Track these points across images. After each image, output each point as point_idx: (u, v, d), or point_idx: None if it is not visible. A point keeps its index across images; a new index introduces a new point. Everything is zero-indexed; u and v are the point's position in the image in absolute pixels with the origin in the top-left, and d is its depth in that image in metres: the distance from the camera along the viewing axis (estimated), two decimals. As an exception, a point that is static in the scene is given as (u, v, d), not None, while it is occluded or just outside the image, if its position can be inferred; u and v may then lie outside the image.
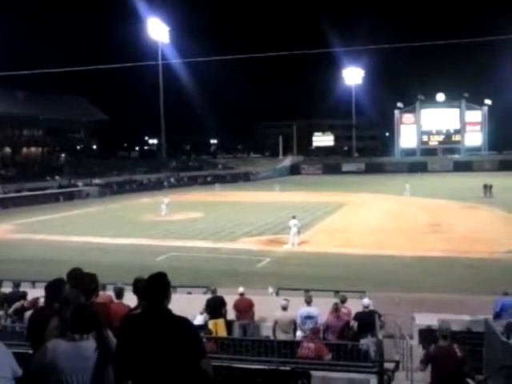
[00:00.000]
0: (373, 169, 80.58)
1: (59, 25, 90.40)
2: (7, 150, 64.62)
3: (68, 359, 3.37)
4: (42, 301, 5.29)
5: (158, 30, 72.11)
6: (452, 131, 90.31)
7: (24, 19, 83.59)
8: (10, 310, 10.47)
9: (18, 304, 10.49)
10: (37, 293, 11.31)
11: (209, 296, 11.24)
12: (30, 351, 4.22)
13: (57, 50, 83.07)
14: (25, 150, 67.42)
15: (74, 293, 4.21)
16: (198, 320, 10.17)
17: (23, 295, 10.83)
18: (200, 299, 11.49)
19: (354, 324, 9.19)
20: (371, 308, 9.49)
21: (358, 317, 9.22)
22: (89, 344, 3.44)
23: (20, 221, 35.13)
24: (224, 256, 21.83)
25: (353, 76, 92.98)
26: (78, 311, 3.57)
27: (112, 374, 3.51)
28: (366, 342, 8.16)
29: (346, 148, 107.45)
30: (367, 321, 8.92)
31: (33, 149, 68.62)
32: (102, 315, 3.81)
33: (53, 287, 4.50)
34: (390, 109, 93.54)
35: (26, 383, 3.42)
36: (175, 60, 72.30)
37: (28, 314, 5.71)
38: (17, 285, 12.01)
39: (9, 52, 72.80)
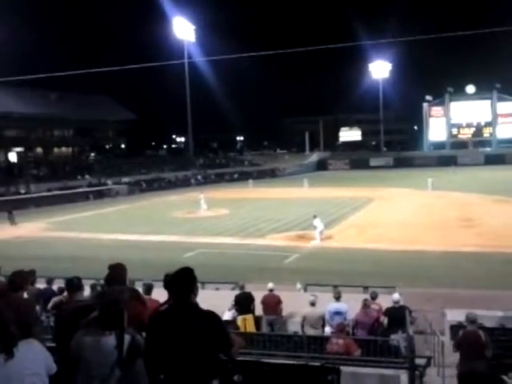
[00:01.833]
0: (401, 163, 79.38)
1: (87, 26, 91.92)
2: (39, 150, 66.12)
3: (90, 351, 3.47)
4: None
5: (183, 28, 72.56)
6: (483, 124, 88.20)
7: (54, 21, 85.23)
8: (50, 305, 10.73)
9: (56, 299, 10.73)
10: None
11: (237, 292, 11.29)
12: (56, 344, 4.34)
13: (85, 50, 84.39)
14: (56, 150, 68.86)
15: (118, 290, 4.32)
16: (227, 316, 10.22)
17: (62, 290, 11.10)
18: (228, 295, 11.55)
19: (384, 320, 9.10)
20: (401, 303, 9.38)
21: (388, 312, 9.13)
22: (109, 341, 3.50)
23: (52, 219, 35.95)
24: (252, 252, 21.89)
25: (380, 69, 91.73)
26: (106, 307, 3.64)
27: (144, 371, 3.57)
28: (397, 338, 8.06)
29: (373, 143, 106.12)
30: (397, 316, 8.81)
31: (63, 149, 70.04)
32: (135, 316, 3.85)
33: (70, 285, 4.66)
34: (418, 102, 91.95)
35: (62, 373, 3.55)
36: (201, 58, 72.70)
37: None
38: (49, 281, 12.31)
39: (40, 54, 74.42)
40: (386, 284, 12.71)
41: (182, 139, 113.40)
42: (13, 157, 63.42)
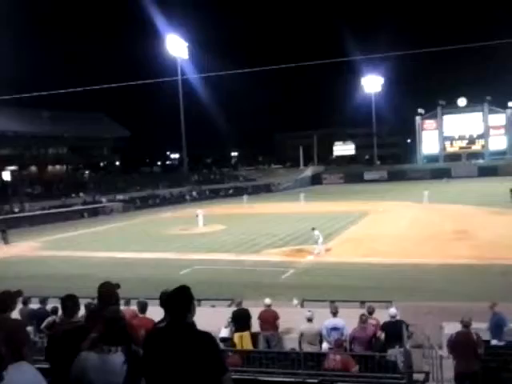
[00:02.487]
0: (395, 176, 79.77)
1: (81, 44, 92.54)
2: (33, 168, 65.98)
3: (97, 371, 3.42)
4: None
5: (176, 46, 73.12)
6: (475, 136, 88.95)
7: (46, 40, 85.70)
8: (43, 325, 10.58)
9: (50, 319, 10.59)
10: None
11: (233, 308, 11.20)
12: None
13: (78, 68, 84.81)
14: (50, 168, 68.75)
15: (116, 309, 4.29)
16: (223, 333, 10.12)
17: (55, 310, 10.95)
18: (224, 312, 11.45)
19: (381, 335, 9.03)
20: (398, 318, 9.33)
21: (385, 327, 9.06)
22: (116, 357, 3.47)
23: (46, 238, 35.73)
24: (248, 268, 21.78)
25: (372, 84, 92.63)
26: (109, 323, 3.61)
27: None
28: (394, 353, 8.00)
29: (367, 156, 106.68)
30: (394, 331, 8.75)
31: (58, 167, 69.99)
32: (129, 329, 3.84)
33: (69, 301, 4.60)
34: (410, 115, 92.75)
35: None
36: (195, 75, 73.17)
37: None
38: (43, 301, 12.16)
39: (33, 73, 74.66)
40: (383, 298, 12.65)
41: (177, 155, 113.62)
42: (7, 175, 63.23)
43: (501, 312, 9.20)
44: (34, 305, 11.77)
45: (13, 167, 63.51)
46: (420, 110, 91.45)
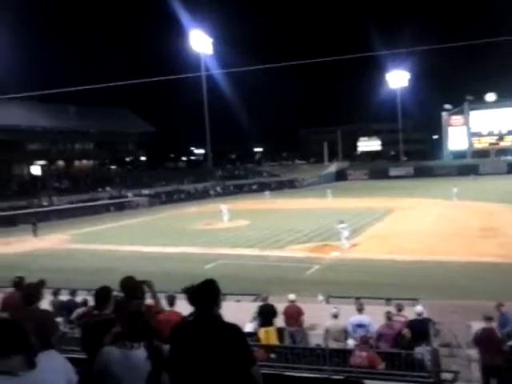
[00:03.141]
0: (421, 173, 78.62)
1: (107, 41, 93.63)
2: (60, 163, 67.20)
3: (120, 366, 3.48)
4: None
5: (201, 41, 73.36)
6: (504, 132, 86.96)
7: (74, 37, 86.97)
8: (73, 316, 10.85)
9: (79, 310, 10.84)
10: (92, 301, 11.65)
11: (259, 303, 11.25)
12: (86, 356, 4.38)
13: (104, 64, 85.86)
14: (77, 162, 69.92)
15: (137, 304, 4.36)
16: (248, 328, 10.18)
17: (84, 302, 11.24)
18: (249, 307, 11.51)
19: (407, 332, 8.95)
20: (425, 316, 9.23)
21: (411, 325, 8.98)
22: (139, 353, 3.53)
23: (74, 231, 36.40)
24: (272, 263, 21.82)
25: (398, 79, 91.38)
26: (132, 319, 3.67)
27: (167, 381, 3.58)
28: (421, 351, 7.93)
29: (392, 152, 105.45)
30: (421, 329, 8.66)
31: (84, 161, 71.08)
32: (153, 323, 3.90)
33: (101, 293, 4.68)
34: (437, 111, 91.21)
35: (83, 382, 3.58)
36: (219, 71, 73.38)
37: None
38: (73, 293, 12.45)
39: (60, 69, 75.90)
40: (408, 296, 12.53)
41: (201, 151, 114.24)
42: (36, 170, 64.59)
43: (508, 312, 9.23)
44: (64, 296, 12.04)
45: (41, 162, 64.81)
46: (447, 106, 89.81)
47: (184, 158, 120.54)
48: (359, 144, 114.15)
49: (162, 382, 3.60)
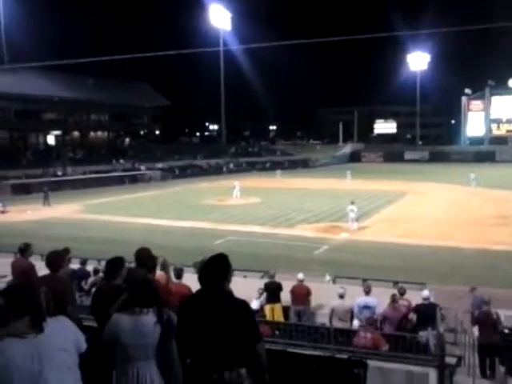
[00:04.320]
0: (437, 157, 77.76)
1: (125, 13, 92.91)
2: (76, 133, 67.53)
3: (129, 332, 3.51)
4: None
5: (220, 16, 72.49)
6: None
7: (93, 9, 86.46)
8: (87, 285, 11.10)
9: (92, 279, 11.09)
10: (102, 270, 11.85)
11: (266, 280, 11.31)
12: (96, 324, 4.44)
13: (122, 37, 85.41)
14: (92, 134, 70.19)
15: (144, 272, 4.40)
16: (254, 305, 10.26)
17: (96, 271, 11.49)
18: (256, 284, 11.58)
19: (413, 316, 8.96)
20: (431, 300, 9.22)
21: (418, 309, 8.99)
22: (148, 319, 3.56)
23: (87, 202, 36.75)
24: (281, 242, 21.87)
25: (418, 61, 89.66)
26: (140, 286, 3.70)
27: (176, 349, 3.62)
28: (426, 335, 7.93)
29: (409, 136, 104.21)
30: (427, 313, 8.68)
31: (99, 133, 71.30)
32: (161, 293, 3.93)
33: (113, 264, 4.71)
34: (456, 95, 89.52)
35: (98, 354, 3.63)
36: (237, 46, 72.51)
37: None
38: (83, 262, 12.63)
39: (77, 40, 75.74)
40: (417, 280, 12.51)
41: (215, 127, 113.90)
42: (51, 139, 65.01)
43: (481, 295, 9.91)
44: (74, 265, 12.21)
45: (57, 132, 65.15)
46: (467, 91, 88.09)
47: (198, 134, 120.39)
48: (375, 126, 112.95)
49: (171, 347, 3.64)
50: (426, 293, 9.35)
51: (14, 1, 48.06)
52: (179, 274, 6.82)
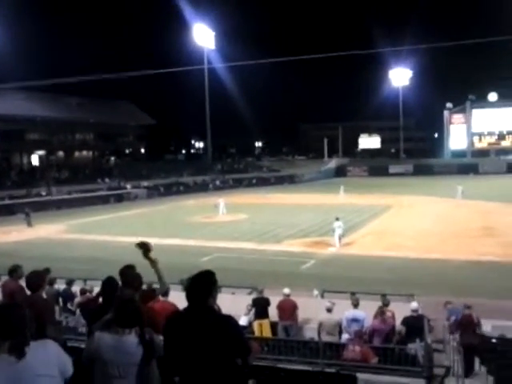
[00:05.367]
0: (421, 170, 78.59)
1: (108, 33, 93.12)
2: (60, 153, 67.09)
3: (111, 351, 3.48)
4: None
5: (203, 35, 73.08)
6: (505, 132, 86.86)
7: (75, 28, 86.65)
8: (74, 306, 10.98)
9: (79, 299, 10.98)
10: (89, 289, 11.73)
11: (254, 296, 11.26)
12: (83, 345, 4.39)
13: (106, 56, 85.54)
14: (77, 153, 69.79)
15: (131, 294, 4.37)
16: (243, 321, 10.21)
17: (84, 291, 11.38)
18: (244, 300, 11.53)
19: (402, 329, 8.97)
20: (420, 312, 9.25)
21: (406, 321, 8.99)
22: (130, 339, 3.53)
23: (72, 221, 36.38)
24: (269, 257, 21.84)
25: (400, 77, 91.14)
26: (122, 306, 3.67)
27: (157, 370, 3.58)
28: (414, 347, 7.94)
29: (393, 150, 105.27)
30: (415, 325, 8.69)
31: (84, 152, 70.96)
32: (146, 314, 3.90)
33: (108, 284, 4.68)
34: (438, 109, 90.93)
35: (78, 370, 3.58)
36: (221, 64, 73.02)
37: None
38: (69, 283, 12.47)
39: (61, 60, 75.67)
40: (404, 292, 12.55)
41: (201, 144, 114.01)
42: (35, 160, 64.48)
43: (454, 306, 10.43)
44: (60, 285, 12.05)
45: (41, 152, 64.67)
46: (448, 105, 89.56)
47: (184, 151, 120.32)
48: (360, 141, 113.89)
49: (151, 368, 3.61)
50: (414, 305, 9.38)
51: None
52: (165, 291, 6.76)
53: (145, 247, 5.08)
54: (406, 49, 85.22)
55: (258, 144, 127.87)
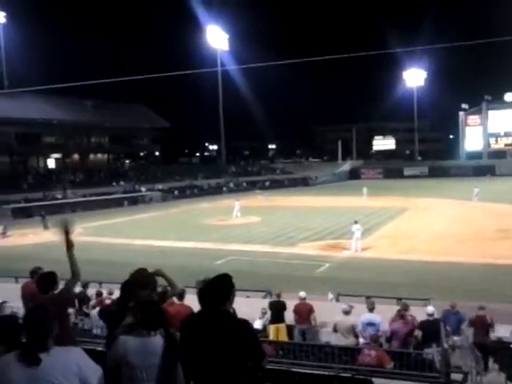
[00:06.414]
0: (436, 172, 77.84)
1: (123, 36, 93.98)
2: (76, 156, 67.74)
3: (137, 354, 3.48)
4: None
5: (217, 37, 73.34)
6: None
7: (90, 32, 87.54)
8: (89, 309, 11.09)
9: (94, 302, 11.10)
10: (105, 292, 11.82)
11: (269, 300, 11.24)
12: (98, 348, 4.40)
13: (121, 59, 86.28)
14: (92, 156, 70.38)
15: (150, 295, 4.38)
16: (257, 324, 10.19)
17: (99, 293, 11.50)
18: (258, 303, 11.51)
19: (419, 333, 8.88)
20: (436, 316, 9.15)
21: (423, 326, 8.91)
22: (156, 341, 3.54)
23: (87, 224, 36.61)
24: (283, 260, 21.78)
25: (415, 77, 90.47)
26: (146, 308, 3.69)
27: (181, 372, 3.58)
28: (431, 352, 7.85)
29: (407, 152, 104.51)
30: (432, 329, 8.59)
31: (99, 155, 71.51)
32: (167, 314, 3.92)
33: (127, 287, 4.69)
34: (454, 110, 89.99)
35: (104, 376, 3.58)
36: (234, 66, 73.26)
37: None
38: (85, 285, 12.56)
39: (76, 64, 76.51)
40: (420, 296, 12.42)
41: (215, 147, 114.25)
42: (51, 163, 65.19)
43: (460, 311, 10.17)
44: (76, 288, 12.13)
45: (57, 155, 65.35)
46: (464, 106, 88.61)
47: (198, 154, 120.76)
48: (374, 143, 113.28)
49: (177, 369, 3.61)
50: (430, 309, 9.29)
51: (13, 26, 48.71)
52: (181, 295, 6.78)
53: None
54: (421, 49, 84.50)
55: (272, 146, 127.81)
